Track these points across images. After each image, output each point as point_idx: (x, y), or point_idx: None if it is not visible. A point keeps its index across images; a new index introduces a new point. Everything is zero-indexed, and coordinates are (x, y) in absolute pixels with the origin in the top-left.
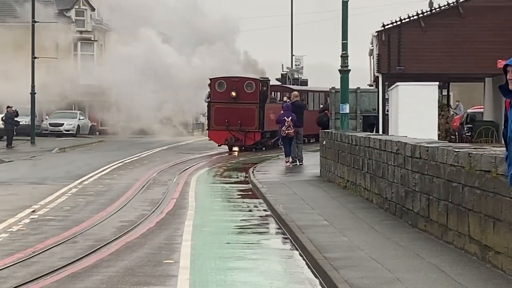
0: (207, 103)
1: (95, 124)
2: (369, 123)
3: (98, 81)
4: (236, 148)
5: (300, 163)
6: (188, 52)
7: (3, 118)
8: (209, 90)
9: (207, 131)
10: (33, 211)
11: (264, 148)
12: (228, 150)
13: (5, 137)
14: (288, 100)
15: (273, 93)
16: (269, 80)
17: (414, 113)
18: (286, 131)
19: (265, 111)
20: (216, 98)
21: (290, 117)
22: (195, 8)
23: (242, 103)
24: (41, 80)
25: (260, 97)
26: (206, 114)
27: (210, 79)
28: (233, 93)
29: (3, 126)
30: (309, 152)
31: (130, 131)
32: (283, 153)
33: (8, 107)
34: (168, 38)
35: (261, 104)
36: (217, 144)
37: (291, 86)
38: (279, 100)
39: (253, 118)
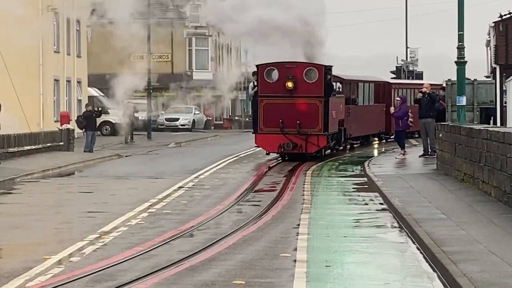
0: (251, 98)
1: (210, 118)
2: (487, 115)
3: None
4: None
5: (433, 154)
6: None
7: (123, 114)
8: (255, 80)
9: (254, 134)
10: (151, 205)
11: (323, 155)
12: (281, 158)
13: (123, 132)
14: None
15: None
16: (332, 67)
17: None
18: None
19: (329, 107)
20: (265, 91)
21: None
22: None
23: (301, 96)
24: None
25: (325, 89)
26: (251, 113)
27: (257, 65)
28: (289, 84)
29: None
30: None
31: (244, 125)
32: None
33: (129, 102)
34: None
35: (326, 98)
36: (266, 152)
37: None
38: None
39: (316, 116)
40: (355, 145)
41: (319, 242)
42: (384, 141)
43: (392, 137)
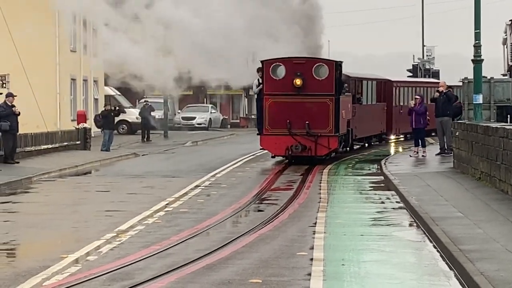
0: (256, 96)
1: (227, 117)
2: (504, 113)
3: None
4: None
5: (450, 153)
6: None
7: (140, 113)
8: (260, 77)
9: (258, 136)
10: (168, 204)
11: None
12: (287, 161)
13: (139, 131)
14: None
15: None
16: (342, 62)
17: None
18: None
19: (339, 106)
20: (271, 89)
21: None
22: None
23: (310, 95)
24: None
25: (336, 86)
26: (256, 112)
27: (262, 61)
28: (297, 81)
29: (139, 121)
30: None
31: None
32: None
33: (145, 101)
34: None
35: (337, 96)
36: (271, 155)
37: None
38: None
39: (326, 116)
40: (355, 147)
41: (336, 240)
42: (384, 142)
43: (392, 137)
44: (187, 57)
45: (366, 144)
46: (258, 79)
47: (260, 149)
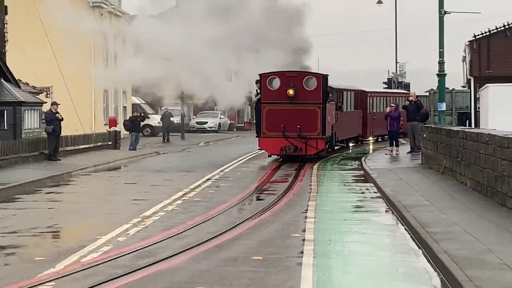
0: (255, 104)
1: (233, 122)
2: (464, 119)
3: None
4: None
5: (418, 151)
6: None
7: (161, 118)
8: (257, 88)
9: (257, 138)
10: (184, 194)
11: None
12: (281, 160)
13: (160, 133)
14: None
15: None
16: (328, 76)
17: (502, 109)
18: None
19: (326, 113)
20: (268, 98)
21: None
22: None
23: (301, 103)
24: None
25: (323, 96)
26: (255, 118)
27: (260, 74)
28: (290, 91)
29: (160, 125)
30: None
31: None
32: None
33: (165, 109)
34: None
35: (324, 104)
36: (268, 154)
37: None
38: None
39: (315, 121)
40: (337, 148)
41: (324, 224)
42: (360, 143)
43: (370, 139)
44: (182, 78)
45: (345, 145)
46: (257, 90)
47: (259, 149)
